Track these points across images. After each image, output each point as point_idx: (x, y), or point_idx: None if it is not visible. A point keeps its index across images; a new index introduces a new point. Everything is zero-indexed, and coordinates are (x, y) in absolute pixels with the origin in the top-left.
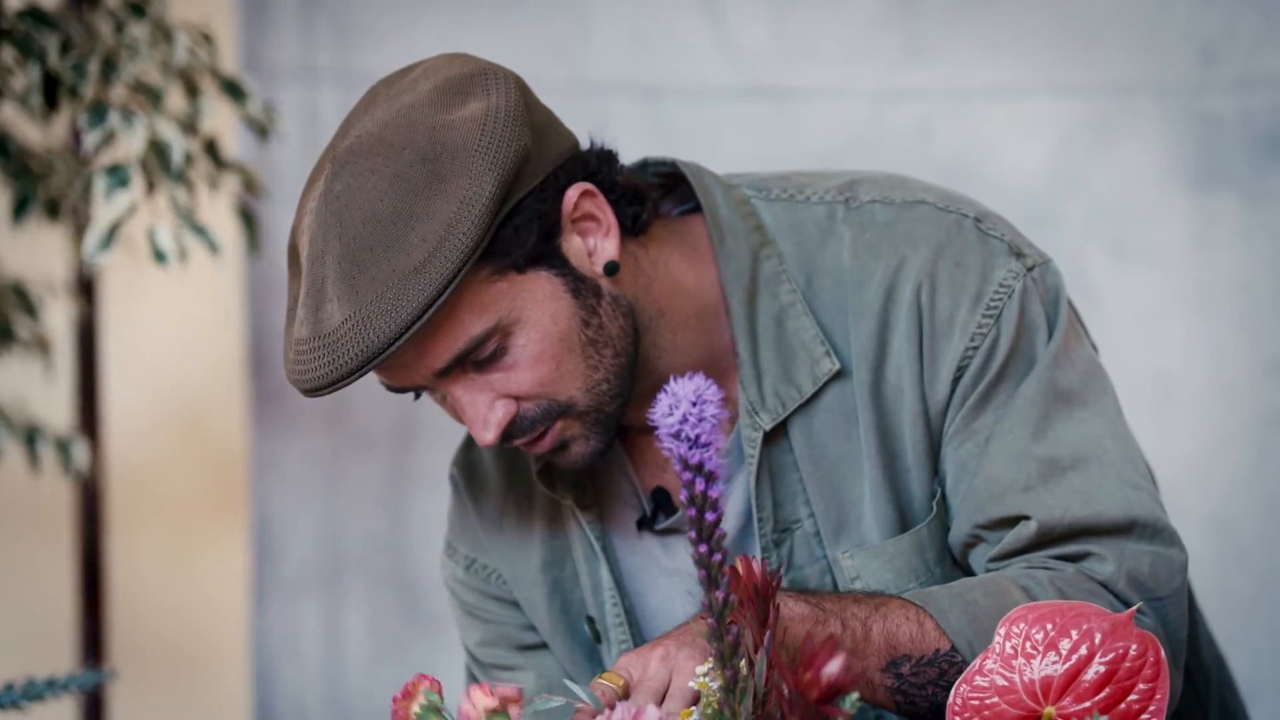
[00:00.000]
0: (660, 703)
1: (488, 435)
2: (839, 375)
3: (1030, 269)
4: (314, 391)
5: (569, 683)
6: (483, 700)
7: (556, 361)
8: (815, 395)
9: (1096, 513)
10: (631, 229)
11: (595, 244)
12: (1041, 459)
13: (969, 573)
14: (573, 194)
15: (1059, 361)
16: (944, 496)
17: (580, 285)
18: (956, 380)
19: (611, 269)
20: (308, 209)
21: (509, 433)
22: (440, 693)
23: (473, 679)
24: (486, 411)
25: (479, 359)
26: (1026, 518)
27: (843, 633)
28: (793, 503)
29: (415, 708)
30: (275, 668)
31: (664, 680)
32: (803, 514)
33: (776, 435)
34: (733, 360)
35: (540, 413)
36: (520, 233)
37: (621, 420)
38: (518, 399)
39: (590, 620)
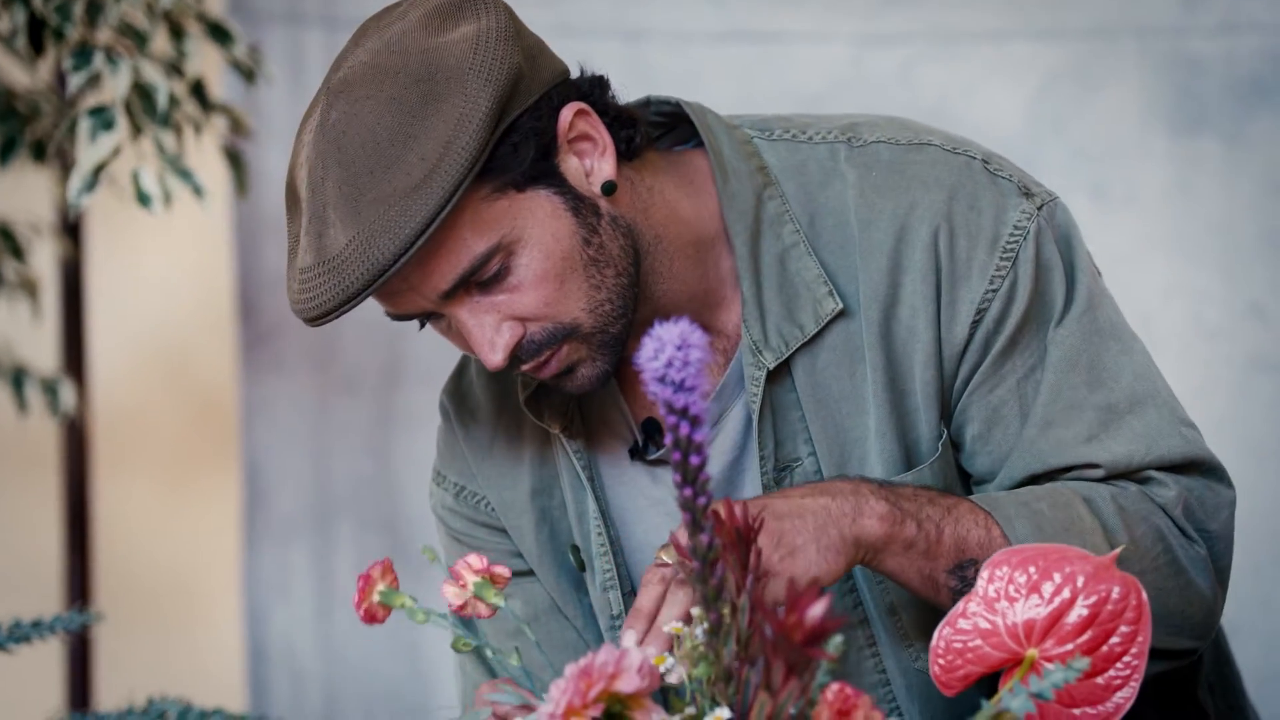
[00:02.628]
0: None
1: (495, 357)
2: (843, 314)
3: (1040, 208)
4: (321, 318)
5: (506, 685)
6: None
7: (560, 280)
8: (818, 334)
9: (1159, 457)
10: (626, 152)
11: (592, 164)
12: (1100, 407)
13: None
14: (567, 113)
15: (1095, 300)
16: (952, 439)
17: (580, 204)
18: (976, 323)
19: (609, 188)
20: (304, 142)
21: (516, 356)
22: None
23: None
24: (493, 334)
25: (483, 279)
26: (1094, 465)
27: (918, 534)
28: (794, 441)
29: (376, 596)
30: (267, 610)
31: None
32: (803, 452)
33: (779, 374)
34: (729, 292)
35: (546, 335)
36: (518, 150)
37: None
38: (524, 321)
39: (575, 549)
